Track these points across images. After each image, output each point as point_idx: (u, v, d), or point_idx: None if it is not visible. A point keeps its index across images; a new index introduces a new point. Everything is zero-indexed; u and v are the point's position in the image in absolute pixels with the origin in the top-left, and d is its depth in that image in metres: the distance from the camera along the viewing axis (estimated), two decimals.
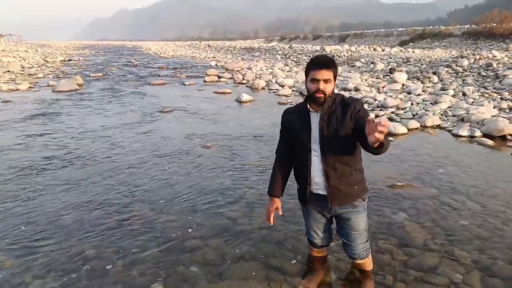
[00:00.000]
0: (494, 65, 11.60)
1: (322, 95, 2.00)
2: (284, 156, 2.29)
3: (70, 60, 29.07)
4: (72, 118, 7.97)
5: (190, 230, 3.19)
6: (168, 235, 3.11)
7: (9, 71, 17.83)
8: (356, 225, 2.23)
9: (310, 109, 2.09)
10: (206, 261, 2.74)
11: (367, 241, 2.34)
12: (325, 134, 2.04)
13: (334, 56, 21.01)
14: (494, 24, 28.32)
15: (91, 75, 17.35)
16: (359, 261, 2.38)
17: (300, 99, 10.29)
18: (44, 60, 26.71)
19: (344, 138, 2.03)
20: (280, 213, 2.33)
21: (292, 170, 2.33)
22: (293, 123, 2.17)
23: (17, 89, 12.28)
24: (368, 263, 2.44)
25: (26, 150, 5.60)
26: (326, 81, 1.99)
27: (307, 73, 2.07)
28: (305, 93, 2.14)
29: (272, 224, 2.36)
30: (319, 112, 2.06)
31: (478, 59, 12.88)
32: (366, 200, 2.26)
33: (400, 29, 47.31)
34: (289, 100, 9.98)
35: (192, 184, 4.24)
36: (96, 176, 4.48)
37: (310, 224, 2.38)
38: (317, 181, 2.14)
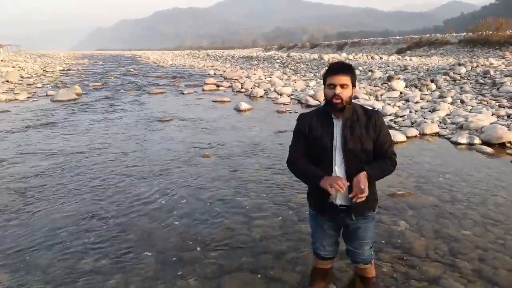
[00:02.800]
0: (492, 72, 11.66)
1: (339, 101, 1.96)
2: (305, 157, 2.11)
3: (69, 69, 29.20)
4: (70, 128, 7.94)
5: (188, 241, 3.15)
6: (166, 247, 3.06)
7: (7, 81, 17.85)
8: (364, 235, 2.21)
9: (333, 116, 2.05)
10: (204, 273, 2.69)
11: (371, 247, 2.32)
12: (349, 142, 2.00)
13: None
14: (490, 32, 28.60)
15: (90, 84, 17.38)
16: (362, 266, 2.37)
17: (299, 107, 10.31)
18: (43, 70, 26.81)
19: (366, 148, 2.02)
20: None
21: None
22: (312, 129, 2.08)
23: (15, 99, 12.28)
24: (371, 269, 2.42)
25: (22, 162, 5.56)
26: (342, 86, 1.96)
27: (324, 80, 2.05)
28: (303, 101, 2.12)
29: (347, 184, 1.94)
30: (340, 119, 2.03)
31: (476, 67, 12.96)
32: (376, 211, 2.23)
33: (398, 37, 47.72)
34: (287, 109, 9.98)
35: (190, 195, 4.20)
36: (93, 188, 4.44)
37: (319, 236, 2.31)
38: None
